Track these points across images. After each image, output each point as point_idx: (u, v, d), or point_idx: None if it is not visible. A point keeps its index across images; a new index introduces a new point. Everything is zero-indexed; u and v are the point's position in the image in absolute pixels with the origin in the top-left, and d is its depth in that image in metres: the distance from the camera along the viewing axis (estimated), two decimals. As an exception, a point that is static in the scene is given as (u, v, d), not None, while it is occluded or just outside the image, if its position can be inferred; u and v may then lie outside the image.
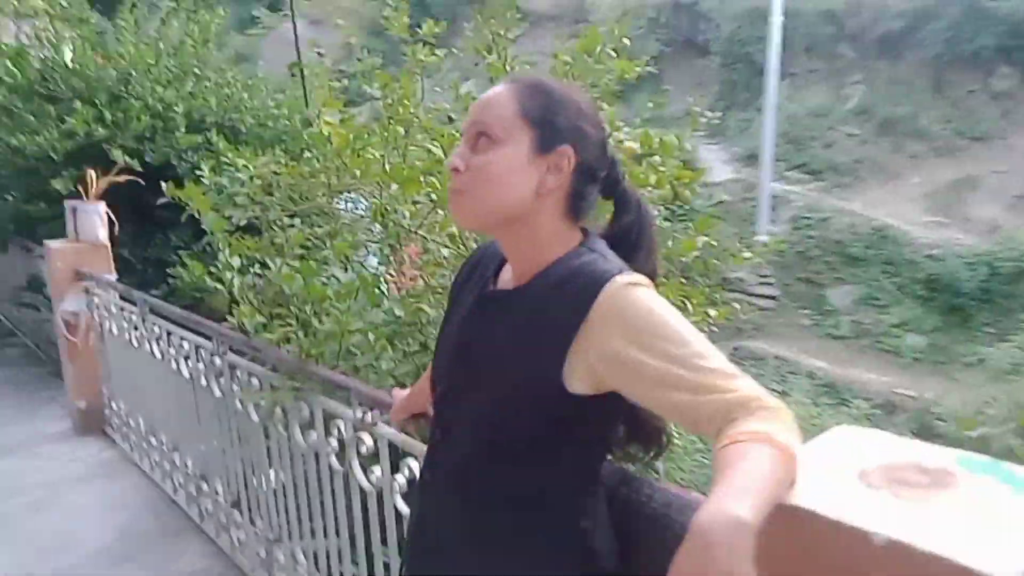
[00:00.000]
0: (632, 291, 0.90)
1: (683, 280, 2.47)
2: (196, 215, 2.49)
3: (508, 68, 2.61)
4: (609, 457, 1.08)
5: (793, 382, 8.24)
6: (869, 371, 9.31)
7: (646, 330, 0.88)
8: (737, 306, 2.92)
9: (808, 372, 8.78)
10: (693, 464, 4.98)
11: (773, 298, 10.41)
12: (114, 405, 3.74)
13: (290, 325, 2.21)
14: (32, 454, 3.69)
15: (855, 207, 11.38)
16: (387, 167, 2.29)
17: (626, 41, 2.49)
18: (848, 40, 13.56)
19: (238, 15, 18.92)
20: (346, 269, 2.54)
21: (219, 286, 2.22)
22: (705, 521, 0.67)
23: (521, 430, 0.97)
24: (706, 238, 2.70)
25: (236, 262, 2.20)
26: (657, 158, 2.23)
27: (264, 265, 2.27)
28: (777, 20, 10.97)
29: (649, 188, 2.22)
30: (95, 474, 3.45)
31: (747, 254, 2.74)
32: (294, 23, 3.47)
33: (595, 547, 1.00)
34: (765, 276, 10.49)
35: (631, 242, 1.03)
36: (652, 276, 0.99)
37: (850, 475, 0.80)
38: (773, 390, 7.35)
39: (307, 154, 2.90)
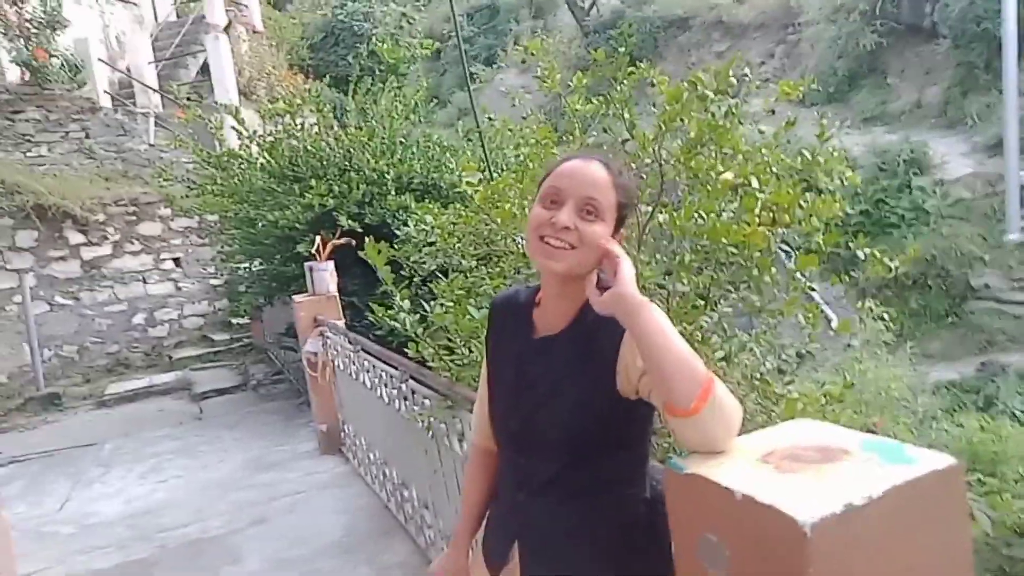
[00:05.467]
0: None
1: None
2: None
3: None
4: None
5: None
6: None
7: None
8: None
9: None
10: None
11: (1033, 304, 9.06)
12: (346, 428, 4.51)
13: (454, 354, 2.66)
14: (288, 468, 4.58)
15: None
16: (522, 214, 2.66)
17: (733, 80, 2.50)
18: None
19: (459, 74, 20.97)
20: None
21: (396, 324, 2.72)
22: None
23: (598, 432, 1.25)
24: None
25: (406, 304, 2.69)
26: (755, 182, 2.32)
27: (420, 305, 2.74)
28: (1011, -11, 9.71)
29: (754, 215, 2.31)
30: (331, 484, 4.21)
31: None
32: (470, 96, 4.00)
33: (649, 504, 1.29)
34: (1020, 280, 9.18)
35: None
36: None
37: (757, 454, 0.98)
38: (1017, 412, 6.40)
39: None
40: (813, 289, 2.88)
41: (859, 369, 5.45)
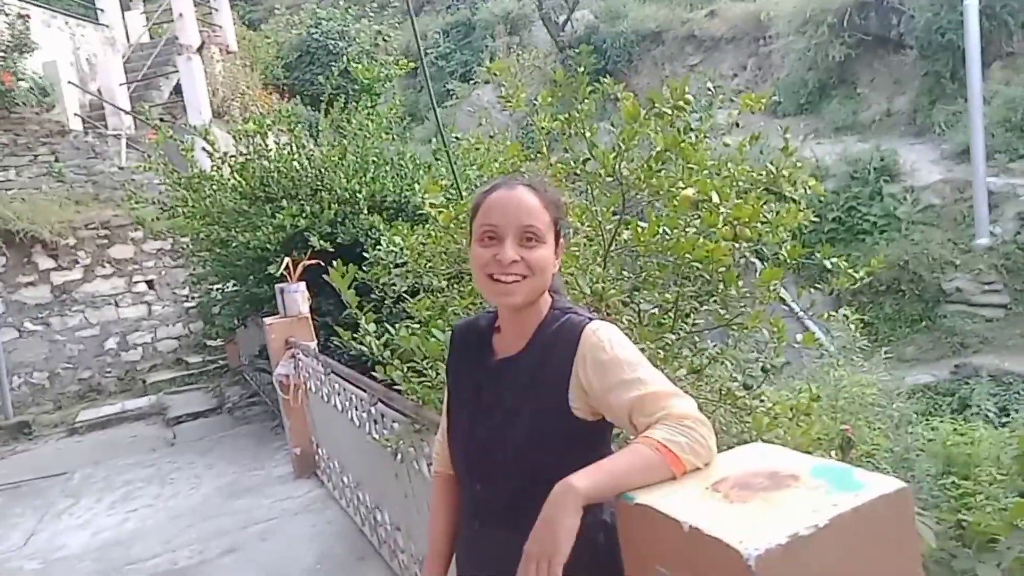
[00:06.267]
0: (593, 336, 1.22)
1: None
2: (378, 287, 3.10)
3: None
4: None
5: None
6: None
7: (604, 363, 1.18)
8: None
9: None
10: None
11: (1004, 307, 9.19)
12: (320, 451, 4.44)
13: (423, 376, 2.62)
14: (262, 493, 4.50)
15: (1106, 193, 9.75)
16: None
17: (690, 96, 2.49)
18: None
19: (436, 91, 20.97)
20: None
21: (362, 347, 2.68)
22: (555, 487, 1.02)
23: (555, 456, 1.21)
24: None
25: (372, 328, 2.65)
26: (715, 197, 2.31)
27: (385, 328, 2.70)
28: (972, 2, 9.93)
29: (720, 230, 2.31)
30: (305, 509, 4.14)
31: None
32: (436, 115, 3.98)
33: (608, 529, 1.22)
34: (990, 283, 9.32)
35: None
36: None
37: (709, 482, 0.97)
38: (990, 414, 6.49)
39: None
40: (784, 301, 2.87)
41: (834, 375, 5.47)
